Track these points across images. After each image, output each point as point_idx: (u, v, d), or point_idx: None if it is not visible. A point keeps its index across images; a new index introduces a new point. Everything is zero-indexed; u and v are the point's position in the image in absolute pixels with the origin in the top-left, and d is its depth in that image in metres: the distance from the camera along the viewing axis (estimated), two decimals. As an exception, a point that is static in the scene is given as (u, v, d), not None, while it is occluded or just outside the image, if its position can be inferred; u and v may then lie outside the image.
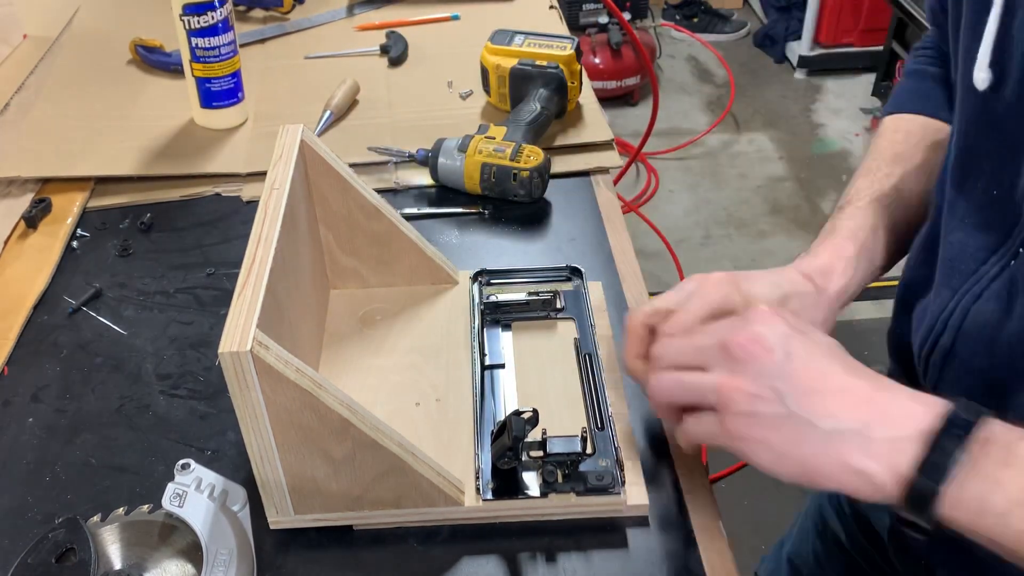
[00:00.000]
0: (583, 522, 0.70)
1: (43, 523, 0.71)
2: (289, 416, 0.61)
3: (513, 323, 0.84)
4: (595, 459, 0.70)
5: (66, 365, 0.85)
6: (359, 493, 0.67)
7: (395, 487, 0.67)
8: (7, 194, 1.05)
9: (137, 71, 1.29)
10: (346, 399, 0.62)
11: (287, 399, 0.60)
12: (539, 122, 1.08)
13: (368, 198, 0.81)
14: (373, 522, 0.69)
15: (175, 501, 0.66)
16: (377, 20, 1.41)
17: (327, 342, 0.83)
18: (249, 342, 0.57)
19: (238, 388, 0.59)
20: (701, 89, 3.47)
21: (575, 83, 1.14)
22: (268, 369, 0.58)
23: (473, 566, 0.68)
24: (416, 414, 0.76)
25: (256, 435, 0.62)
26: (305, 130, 0.77)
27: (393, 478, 0.66)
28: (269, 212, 0.69)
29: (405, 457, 0.65)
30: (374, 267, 0.87)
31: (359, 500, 0.68)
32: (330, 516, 0.69)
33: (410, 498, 0.68)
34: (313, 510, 0.68)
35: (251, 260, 0.65)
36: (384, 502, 0.68)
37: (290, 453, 0.64)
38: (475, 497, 0.69)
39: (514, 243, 0.99)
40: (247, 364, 0.57)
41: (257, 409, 0.60)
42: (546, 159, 1.01)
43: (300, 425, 0.62)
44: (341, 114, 1.17)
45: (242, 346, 0.57)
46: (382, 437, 0.63)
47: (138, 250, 0.99)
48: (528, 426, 0.66)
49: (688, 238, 2.74)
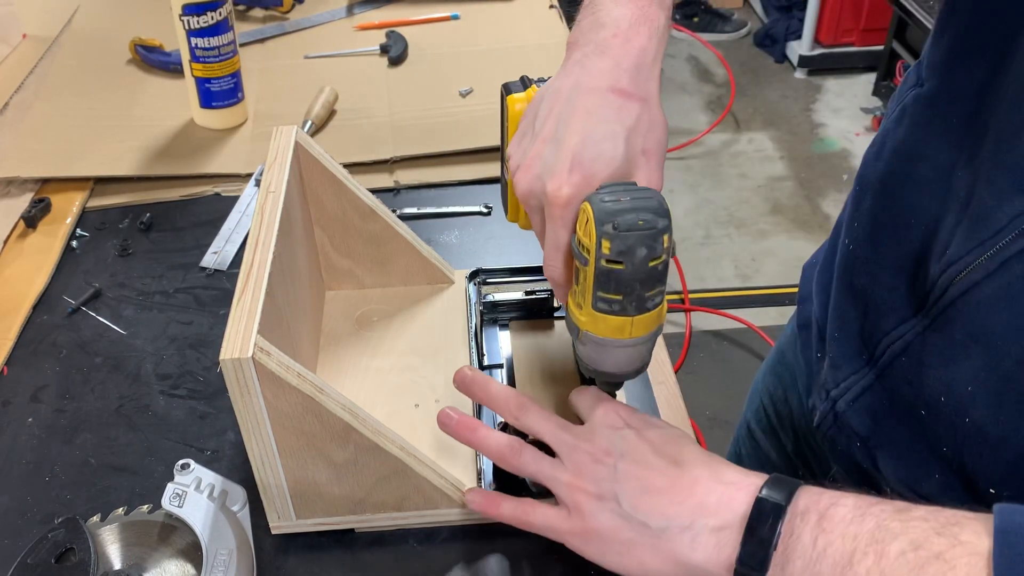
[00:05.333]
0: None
1: (43, 523, 0.71)
2: (291, 421, 0.61)
3: (511, 323, 0.84)
4: None
5: (65, 365, 0.85)
6: (361, 496, 0.67)
7: (397, 490, 0.67)
8: (6, 194, 1.05)
9: (137, 71, 1.29)
10: (348, 403, 0.62)
11: (289, 405, 0.60)
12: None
13: (362, 199, 0.81)
14: (375, 526, 0.69)
15: (175, 501, 0.66)
16: (377, 20, 1.41)
17: (324, 344, 0.83)
18: (251, 348, 0.57)
19: (239, 394, 0.59)
20: (701, 89, 3.47)
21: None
22: (270, 375, 0.58)
23: (474, 567, 0.68)
24: (415, 416, 0.76)
25: (258, 440, 0.62)
26: (299, 131, 0.77)
27: (395, 481, 0.66)
28: (266, 216, 0.69)
29: (407, 460, 0.65)
30: (369, 268, 0.87)
31: (361, 503, 0.68)
32: (332, 520, 0.69)
33: (412, 500, 0.68)
34: (315, 514, 0.68)
35: (249, 265, 0.64)
36: (386, 505, 0.68)
37: (292, 458, 0.64)
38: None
39: (513, 243, 0.99)
40: (249, 371, 0.57)
41: (259, 415, 0.60)
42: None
43: (302, 430, 0.62)
44: (322, 123, 1.16)
45: (243, 352, 0.57)
46: (384, 441, 0.63)
47: (138, 250, 0.99)
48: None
49: (688, 238, 2.74)
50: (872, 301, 0.66)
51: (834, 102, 3.37)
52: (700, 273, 2.57)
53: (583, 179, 0.58)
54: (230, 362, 0.57)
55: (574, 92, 0.60)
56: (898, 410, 0.65)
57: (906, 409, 0.63)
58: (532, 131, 0.62)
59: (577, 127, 0.59)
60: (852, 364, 0.69)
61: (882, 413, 0.66)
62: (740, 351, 2.36)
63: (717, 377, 2.29)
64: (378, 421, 0.63)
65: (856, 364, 0.68)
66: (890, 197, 0.65)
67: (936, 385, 0.60)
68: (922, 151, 0.62)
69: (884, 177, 0.66)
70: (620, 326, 0.58)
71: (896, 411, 0.65)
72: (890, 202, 0.65)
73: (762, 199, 2.91)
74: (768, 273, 2.62)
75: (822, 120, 3.28)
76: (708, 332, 2.41)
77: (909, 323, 0.62)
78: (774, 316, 2.43)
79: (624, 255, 0.55)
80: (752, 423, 1.04)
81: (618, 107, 0.59)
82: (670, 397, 0.80)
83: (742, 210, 2.86)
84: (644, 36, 0.61)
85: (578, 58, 0.62)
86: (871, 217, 0.67)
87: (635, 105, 0.59)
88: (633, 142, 0.59)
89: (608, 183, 0.57)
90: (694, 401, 2.12)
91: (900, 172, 0.64)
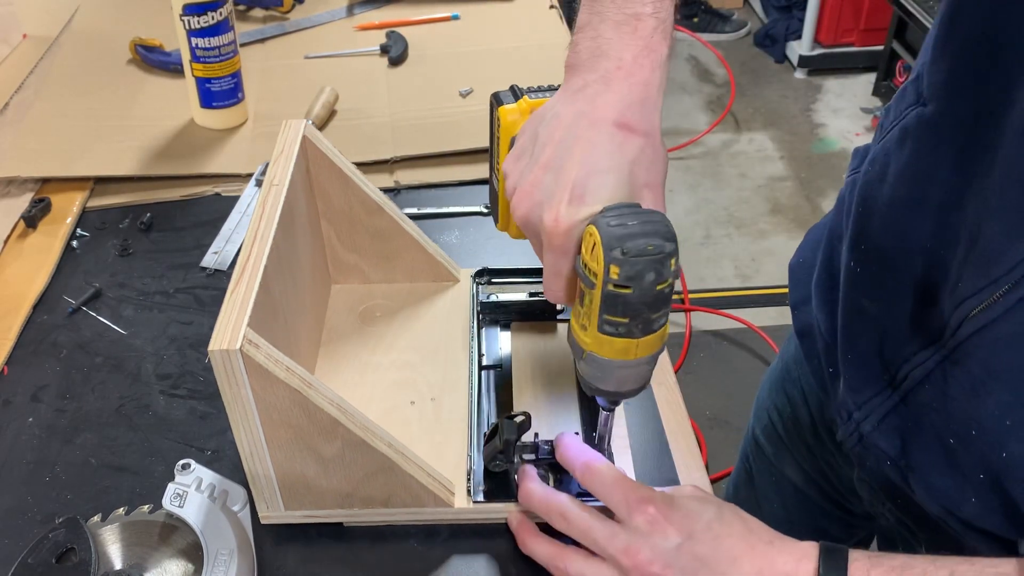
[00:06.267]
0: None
1: (43, 523, 0.70)
2: (279, 414, 0.61)
3: (512, 324, 0.84)
4: None
5: (66, 365, 0.85)
6: (349, 491, 0.67)
7: (384, 486, 0.67)
8: (6, 194, 1.05)
9: (137, 71, 1.29)
10: (336, 398, 0.62)
11: (277, 398, 0.60)
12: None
13: (369, 194, 0.81)
14: (363, 520, 0.70)
15: (175, 501, 0.66)
16: (377, 20, 1.41)
17: (326, 337, 0.84)
18: (239, 340, 0.57)
19: (228, 385, 0.59)
20: (701, 89, 3.47)
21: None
22: (257, 368, 0.58)
23: (474, 567, 0.68)
24: (411, 413, 0.76)
25: (246, 432, 0.62)
26: (308, 125, 0.77)
27: (382, 477, 0.66)
28: (267, 209, 0.69)
29: (394, 457, 0.65)
30: (375, 263, 0.87)
31: (349, 498, 0.68)
32: (320, 513, 0.69)
33: (399, 497, 0.68)
34: (303, 506, 0.68)
35: (246, 257, 0.65)
36: (374, 500, 0.68)
37: (280, 450, 0.64)
38: (466, 498, 0.69)
39: (513, 243, 0.98)
40: (236, 362, 0.58)
41: (247, 406, 0.60)
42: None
43: (290, 423, 0.62)
44: (322, 123, 1.16)
45: (232, 344, 0.57)
46: (371, 437, 0.63)
47: (138, 250, 0.99)
48: (519, 430, 0.66)
49: (688, 238, 2.74)
50: (886, 326, 0.66)
51: (834, 102, 3.37)
52: (700, 273, 2.57)
53: (582, 211, 0.57)
54: (218, 353, 0.57)
55: (577, 122, 0.59)
56: (926, 435, 0.64)
57: (935, 436, 0.63)
58: (531, 154, 0.61)
59: (579, 158, 0.58)
60: (872, 386, 0.68)
61: (910, 434, 0.66)
62: (740, 351, 2.35)
63: (717, 377, 2.29)
64: (367, 417, 0.63)
65: (877, 386, 0.68)
66: (899, 222, 0.65)
67: (964, 419, 0.59)
68: (930, 176, 0.61)
69: (891, 201, 0.65)
70: (625, 348, 0.57)
71: (924, 435, 0.64)
72: (899, 227, 0.65)
73: (762, 199, 2.91)
74: (768, 273, 2.62)
75: (822, 120, 3.28)
76: (708, 332, 2.41)
77: (928, 351, 0.62)
78: (774, 316, 2.43)
79: (633, 280, 0.54)
80: (761, 439, 1.03)
81: (621, 141, 0.58)
82: (670, 397, 0.80)
83: (742, 210, 2.86)
84: (648, 69, 0.60)
85: (579, 86, 0.61)
86: (878, 241, 0.67)
87: (639, 140, 0.58)
88: (636, 175, 0.58)
89: (612, 205, 0.57)
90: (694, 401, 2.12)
91: (908, 198, 0.64)
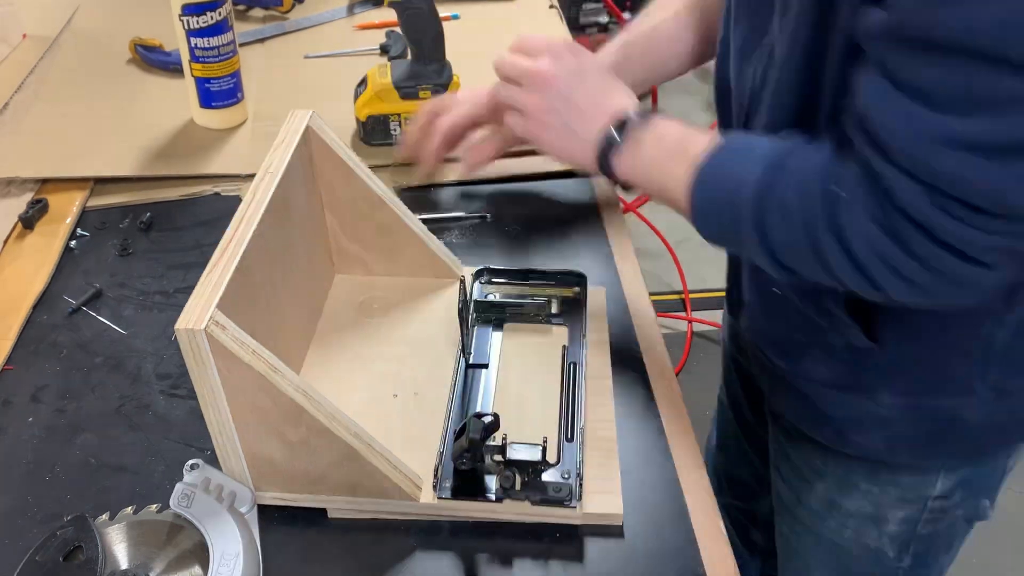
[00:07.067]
0: (552, 527, 0.69)
1: (43, 523, 0.70)
2: (244, 396, 0.62)
3: (505, 324, 0.84)
4: (559, 469, 0.70)
5: (66, 365, 0.85)
6: (316, 477, 0.68)
7: (349, 475, 0.67)
8: (6, 194, 1.05)
9: (137, 71, 1.29)
10: (303, 385, 0.62)
11: (242, 380, 0.61)
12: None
13: (372, 187, 0.82)
14: (333, 507, 0.70)
15: (183, 502, 0.66)
16: (377, 19, 1.41)
17: (323, 327, 0.84)
18: (205, 321, 0.58)
19: (194, 364, 0.60)
20: (701, 89, 3.47)
21: None
22: (222, 349, 0.59)
23: (474, 566, 0.68)
24: (392, 405, 0.77)
25: (214, 411, 0.63)
26: (314, 116, 0.77)
27: (347, 466, 0.66)
28: (257, 195, 0.69)
29: (358, 447, 0.65)
30: (378, 255, 0.88)
31: (317, 483, 0.68)
32: (288, 496, 0.69)
33: (364, 488, 0.68)
34: (273, 488, 0.69)
35: (228, 240, 0.65)
36: (341, 488, 0.68)
37: (248, 432, 0.65)
38: (432, 494, 0.69)
39: (512, 243, 0.99)
40: (201, 342, 0.58)
41: (214, 386, 0.61)
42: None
43: (255, 406, 0.63)
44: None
45: (197, 324, 0.58)
46: (336, 425, 0.64)
47: (138, 250, 0.99)
48: (486, 430, 0.65)
49: (688, 238, 2.74)
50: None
51: (833, 102, 3.37)
52: (700, 273, 2.57)
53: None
54: (184, 332, 0.58)
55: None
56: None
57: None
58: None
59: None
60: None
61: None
62: (740, 351, 2.36)
63: (717, 377, 2.29)
64: (334, 405, 0.64)
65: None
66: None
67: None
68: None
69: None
70: None
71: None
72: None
73: (762, 199, 2.91)
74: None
75: (822, 120, 3.28)
76: (708, 332, 2.41)
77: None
78: (774, 316, 2.44)
79: None
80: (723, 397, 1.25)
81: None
82: (670, 397, 0.80)
83: (742, 210, 2.86)
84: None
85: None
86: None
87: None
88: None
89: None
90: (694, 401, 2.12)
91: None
